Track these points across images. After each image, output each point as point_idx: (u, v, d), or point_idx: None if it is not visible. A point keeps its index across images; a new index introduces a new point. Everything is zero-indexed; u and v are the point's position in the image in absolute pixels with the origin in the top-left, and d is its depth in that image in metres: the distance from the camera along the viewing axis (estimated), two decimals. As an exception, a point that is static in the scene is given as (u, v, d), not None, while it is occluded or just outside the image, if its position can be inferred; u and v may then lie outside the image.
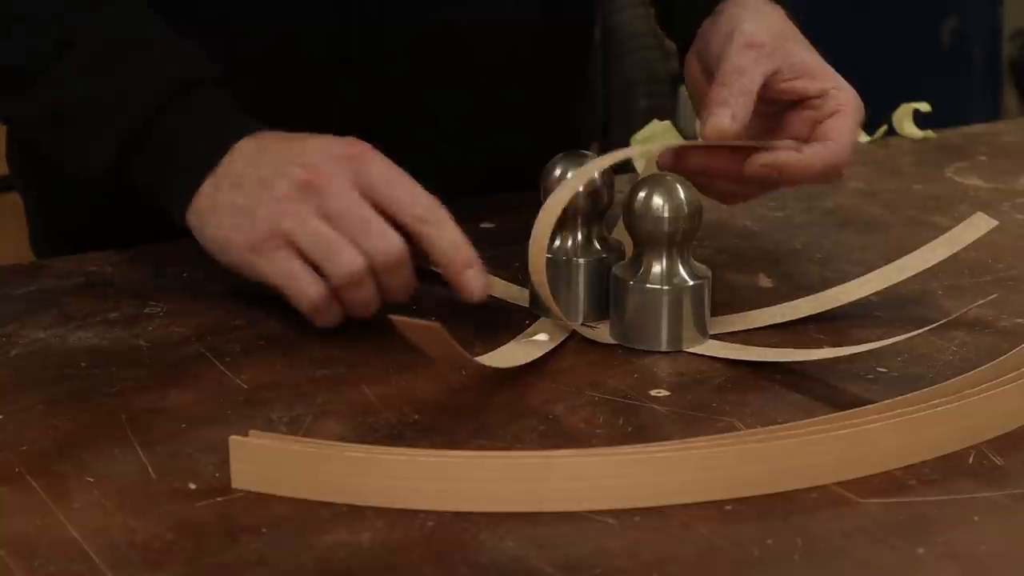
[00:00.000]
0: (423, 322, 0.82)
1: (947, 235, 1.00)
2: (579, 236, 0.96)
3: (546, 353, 0.92)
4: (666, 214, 0.91)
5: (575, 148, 0.99)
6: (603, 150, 1.01)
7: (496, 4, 1.16)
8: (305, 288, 0.92)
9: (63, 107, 0.98)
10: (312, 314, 0.93)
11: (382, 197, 0.92)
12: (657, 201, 0.91)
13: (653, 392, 0.88)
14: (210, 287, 0.99)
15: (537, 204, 0.95)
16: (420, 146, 1.05)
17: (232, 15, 1.00)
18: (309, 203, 0.92)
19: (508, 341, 0.93)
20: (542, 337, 0.94)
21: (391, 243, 0.91)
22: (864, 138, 1.29)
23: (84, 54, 0.98)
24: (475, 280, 0.92)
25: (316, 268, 0.92)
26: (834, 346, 0.92)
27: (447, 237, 0.92)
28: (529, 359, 0.90)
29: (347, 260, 0.91)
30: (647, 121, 1.21)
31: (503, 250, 1.04)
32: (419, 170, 0.94)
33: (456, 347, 0.84)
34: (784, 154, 0.95)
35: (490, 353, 0.90)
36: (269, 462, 0.77)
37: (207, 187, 0.95)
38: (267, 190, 0.93)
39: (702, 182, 0.97)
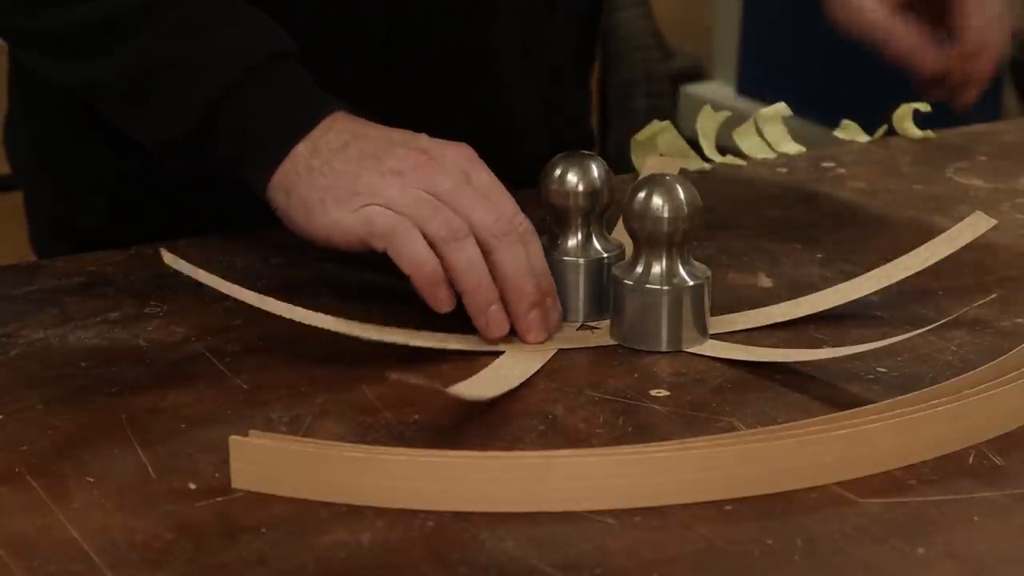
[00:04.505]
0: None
1: (946, 234, 1.00)
2: (579, 236, 0.96)
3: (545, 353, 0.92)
4: (666, 214, 0.91)
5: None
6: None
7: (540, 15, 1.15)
8: (405, 233, 0.89)
9: (152, 67, 0.97)
10: (417, 275, 0.90)
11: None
12: (657, 201, 0.91)
13: (653, 392, 0.88)
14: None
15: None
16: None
17: (275, 7, 0.99)
18: (418, 178, 0.91)
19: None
20: (514, 370, 0.90)
21: (501, 212, 0.90)
22: (864, 138, 1.28)
23: (174, 17, 0.97)
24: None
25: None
26: (834, 346, 0.92)
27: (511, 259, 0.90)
28: (504, 390, 0.87)
29: (447, 218, 0.90)
30: (647, 121, 1.21)
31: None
32: None
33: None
34: None
35: (465, 382, 0.87)
36: (269, 462, 0.77)
37: (302, 150, 0.93)
38: (375, 161, 0.92)
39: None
